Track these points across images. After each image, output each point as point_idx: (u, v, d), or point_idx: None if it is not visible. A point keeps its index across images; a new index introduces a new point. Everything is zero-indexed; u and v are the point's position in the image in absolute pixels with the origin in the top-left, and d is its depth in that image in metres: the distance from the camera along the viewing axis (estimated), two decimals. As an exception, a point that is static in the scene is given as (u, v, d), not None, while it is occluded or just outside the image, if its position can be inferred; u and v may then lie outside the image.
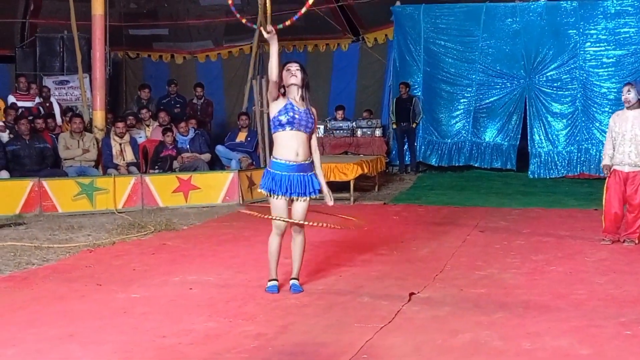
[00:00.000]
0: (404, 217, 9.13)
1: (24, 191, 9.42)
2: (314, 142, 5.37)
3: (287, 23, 5.38)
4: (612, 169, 7.16)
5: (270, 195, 5.24)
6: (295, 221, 5.29)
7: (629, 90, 7.04)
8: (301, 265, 5.46)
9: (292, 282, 5.40)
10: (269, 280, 5.39)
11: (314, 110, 5.34)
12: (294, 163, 5.19)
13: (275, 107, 5.20)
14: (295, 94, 5.22)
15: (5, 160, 10.07)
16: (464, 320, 4.63)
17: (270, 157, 5.46)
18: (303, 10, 5.33)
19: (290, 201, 5.29)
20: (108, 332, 4.43)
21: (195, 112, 13.19)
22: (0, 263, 6.49)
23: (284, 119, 5.15)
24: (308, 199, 5.28)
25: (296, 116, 5.15)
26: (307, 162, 5.26)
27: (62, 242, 7.49)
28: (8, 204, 9.29)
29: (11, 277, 5.99)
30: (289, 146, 5.18)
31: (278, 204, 5.23)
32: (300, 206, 5.29)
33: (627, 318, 4.66)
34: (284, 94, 5.23)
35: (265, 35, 5.13)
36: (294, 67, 5.26)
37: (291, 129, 5.16)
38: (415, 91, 13.62)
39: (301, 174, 5.22)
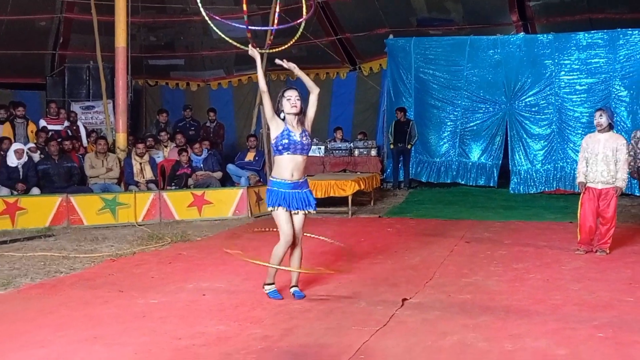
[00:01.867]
0: (397, 229, 9.11)
1: (53, 206, 9.47)
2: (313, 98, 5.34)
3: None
4: (586, 186, 7.16)
5: (275, 209, 5.26)
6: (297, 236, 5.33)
7: (600, 115, 7.07)
8: (299, 273, 5.46)
9: (293, 289, 5.39)
10: (268, 284, 5.37)
11: (308, 121, 5.31)
12: (290, 182, 5.26)
13: (274, 132, 5.25)
14: (292, 120, 5.26)
15: (36, 178, 10.13)
16: (451, 323, 4.63)
17: (269, 176, 5.52)
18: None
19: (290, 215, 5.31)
20: (129, 335, 4.43)
21: (208, 134, 13.24)
22: (32, 271, 6.50)
23: (281, 145, 5.22)
24: (305, 212, 5.33)
25: (292, 142, 5.20)
26: (301, 180, 5.33)
27: (88, 252, 7.50)
28: (39, 217, 9.35)
29: (41, 284, 6.00)
30: (286, 168, 5.25)
31: (281, 215, 5.26)
32: (298, 219, 5.34)
33: (599, 322, 4.65)
34: (283, 119, 5.26)
35: (250, 51, 5.35)
36: (294, 97, 5.25)
37: (289, 153, 5.23)
38: (407, 115, 13.62)
39: (297, 191, 5.28)
